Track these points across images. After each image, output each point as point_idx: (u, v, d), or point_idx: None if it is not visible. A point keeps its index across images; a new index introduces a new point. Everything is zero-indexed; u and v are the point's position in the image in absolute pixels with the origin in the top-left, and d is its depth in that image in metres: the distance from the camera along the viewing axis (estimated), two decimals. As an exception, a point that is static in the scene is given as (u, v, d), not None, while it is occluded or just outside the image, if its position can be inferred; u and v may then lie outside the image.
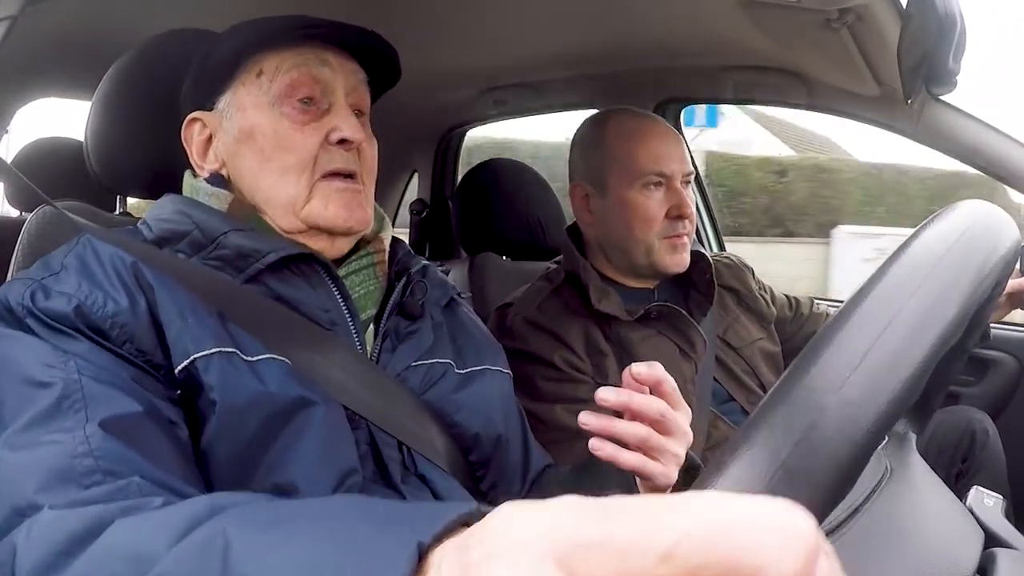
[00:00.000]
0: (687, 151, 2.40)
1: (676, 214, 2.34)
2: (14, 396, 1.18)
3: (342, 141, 1.57)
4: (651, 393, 1.41)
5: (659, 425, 1.40)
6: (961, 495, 1.33)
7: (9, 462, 1.09)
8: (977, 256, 0.82)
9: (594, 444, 1.39)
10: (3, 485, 1.07)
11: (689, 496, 0.55)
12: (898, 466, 1.23)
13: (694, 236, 2.45)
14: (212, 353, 1.34)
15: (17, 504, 1.04)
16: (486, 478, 1.68)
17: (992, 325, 2.70)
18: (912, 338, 0.72)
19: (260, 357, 1.38)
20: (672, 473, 1.42)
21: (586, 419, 1.37)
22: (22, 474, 1.07)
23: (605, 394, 1.36)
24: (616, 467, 1.41)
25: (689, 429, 1.47)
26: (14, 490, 1.05)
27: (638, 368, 1.38)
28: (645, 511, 0.52)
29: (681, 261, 2.37)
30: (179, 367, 1.32)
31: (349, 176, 1.59)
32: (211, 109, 1.63)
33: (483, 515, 0.63)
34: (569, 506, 0.55)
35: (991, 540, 1.20)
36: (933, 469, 1.40)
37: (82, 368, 1.21)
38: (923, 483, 1.31)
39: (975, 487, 1.33)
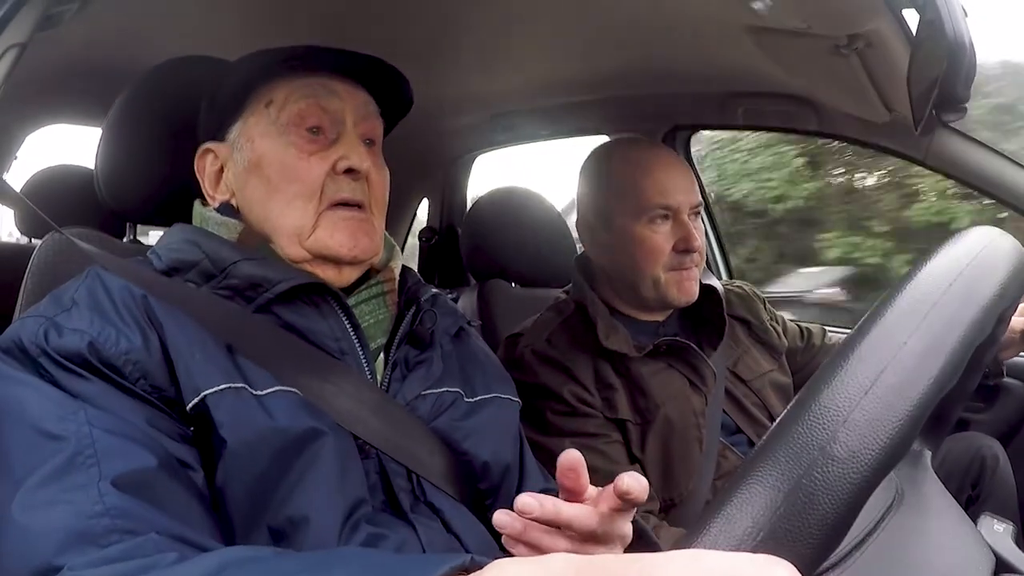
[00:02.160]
0: (695, 181, 2.37)
1: (683, 247, 2.31)
2: (25, 447, 1.17)
3: (349, 170, 1.57)
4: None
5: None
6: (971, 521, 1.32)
7: (26, 524, 1.09)
8: (982, 286, 0.81)
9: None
10: (22, 547, 1.08)
11: (674, 553, 0.55)
12: (910, 488, 1.22)
13: (704, 266, 2.43)
14: (222, 389, 1.33)
15: (38, 567, 1.05)
16: (495, 506, 1.67)
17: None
18: (913, 377, 0.70)
19: (269, 390, 1.38)
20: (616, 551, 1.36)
21: (500, 520, 1.29)
22: (40, 536, 1.07)
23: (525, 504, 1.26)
24: None
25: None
26: (34, 553, 1.06)
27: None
28: (632, 565, 0.52)
29: (689, 294, 2.35)
30: (190, 404, 1.31)
31: (357, 206, 1.59)
32: (223, 140, 1.63)
33: (477, 566, 0.63)
34: (560, 561, 0.55)
35: (1001, 566, 1.19)
36: (943, 494, 1.39)
37: (93, 419, 1.20)
38: (934, 505, 1.30)
39: (985, 513, 1.33)
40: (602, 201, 2.44)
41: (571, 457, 1.30)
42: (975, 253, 0.85)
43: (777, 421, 0.73)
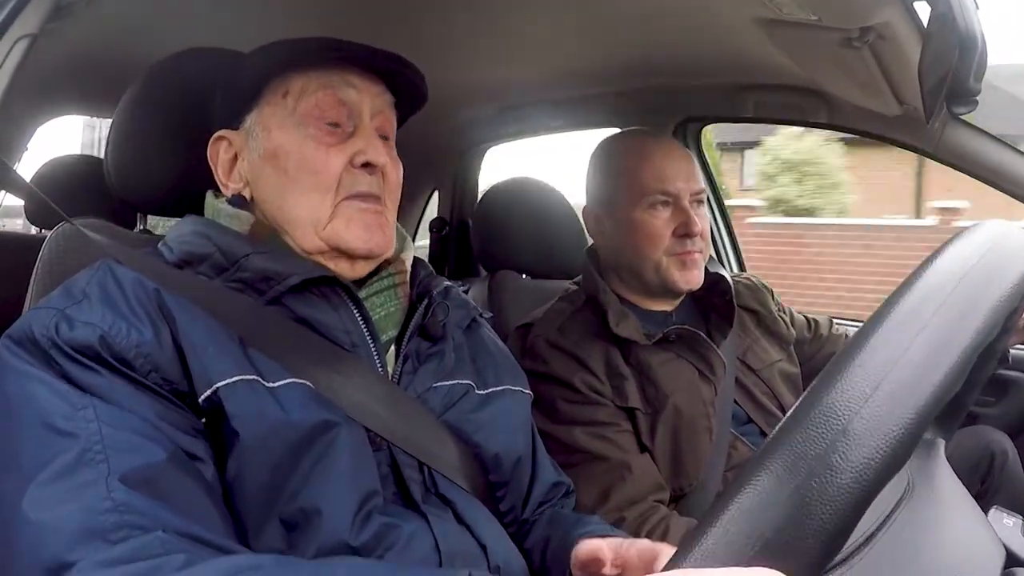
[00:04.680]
0: (697, 170, 2.41)
1: (683, 232, 2.34)
2: (35, 443, 1.18)
3: (366, 164, 1.57)
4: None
5: None
6: (980, 516, 1.32)
7: (37, 521, 1.10)
8: (996, 280, 0.79)
9: None
10: (34, 543, 1.10)
11: (667, 575, 0.56)
12: (921, 480, 1.21)
13: (710, 255, 2.44)
14: (234, 381, 1.34)
15: (50, 563, 1.07)
16: (506, 498, 1.67)
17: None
18: (912, 387, 0.68)
19: (281, 382, 1.39)
20: None
21: None
22: (52, 532, 1.09)
23: None
24: None
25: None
26: (44, 550, 1.08)
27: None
28: None
29: (692, 278, 2.37)
30: (202, 396, 1.32)
31: (372, 198, 1.59)
32: (237, 128, 1.63)
33: None
34: None
35: (1012, 561, 1.19)
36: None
37: (102, 415, 1.21)
38: (946, 498, 1.28)
39: (994, 507, 1.32)
40: (605, 190, 2.49)
41: (588, 549, 1.38)
42: (982, 253, 0.82)
43: (775, 429, 0.71)
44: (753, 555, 0.62)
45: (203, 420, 1.34)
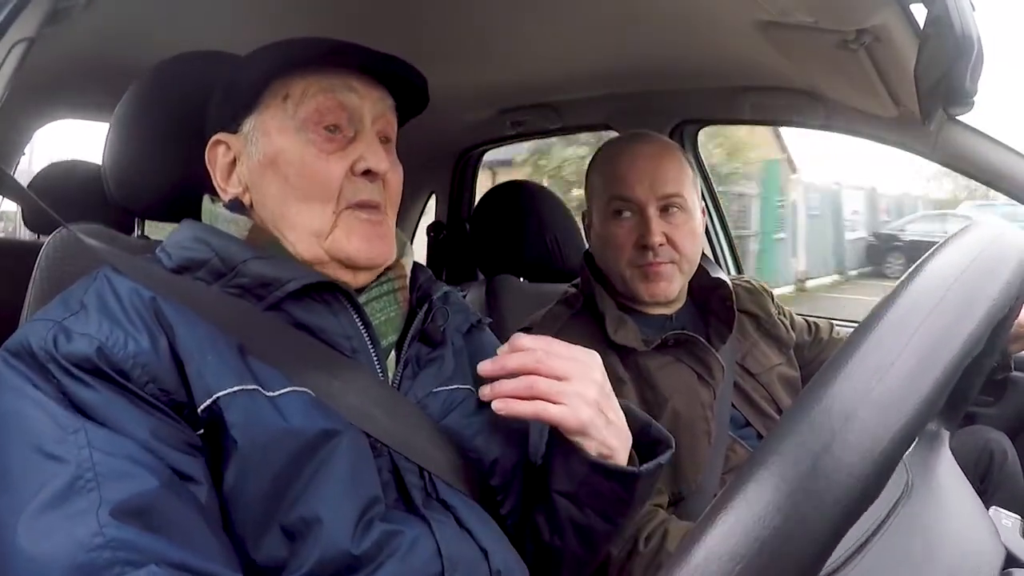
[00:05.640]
0: (672, 173, 2.36)
1: (641, 243, 2.31)
2: (25, 466, 1.18)
3: (367, 172, 1.56)
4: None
5: (542, 369, 1.48)
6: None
7: (30, 553, 1.10)
8: (990, 280, 0.79)
9: (497, 406, 1.46)
10: None
11: None
12: (921, 477, 1.20)
13: (686, 264, 2.39)
14: (234, 391, 1.33)
15: None
16: (506, 503, 1.67)
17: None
18: (901, 397, 0.68)
19: (282, 391, 1.38)
20: (581, 413, 1.49)
21: (484, 391, 1.49)
22: (45, 566, 1.09)
23: (485, 367, 1.50)
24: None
25: (595, 362, 1.60)
26: None
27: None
28: None
29: (657, 291, 2.35)
30: (202, 406, 1.31)
31: (373, 207, 1.59)
32: (236, 132, 1.61)
33: None
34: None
35: (1010, 560, 1.19)
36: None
37: (94, 440, 1.20)
38: (945, 495, 1.28)
39: (993, 507, 1.32)
40: (587, 197, 2.50)
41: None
42: (974, 256, 0.81)
43: (760, 445, 0.70)
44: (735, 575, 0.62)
45: (200, 431, 1.33)
